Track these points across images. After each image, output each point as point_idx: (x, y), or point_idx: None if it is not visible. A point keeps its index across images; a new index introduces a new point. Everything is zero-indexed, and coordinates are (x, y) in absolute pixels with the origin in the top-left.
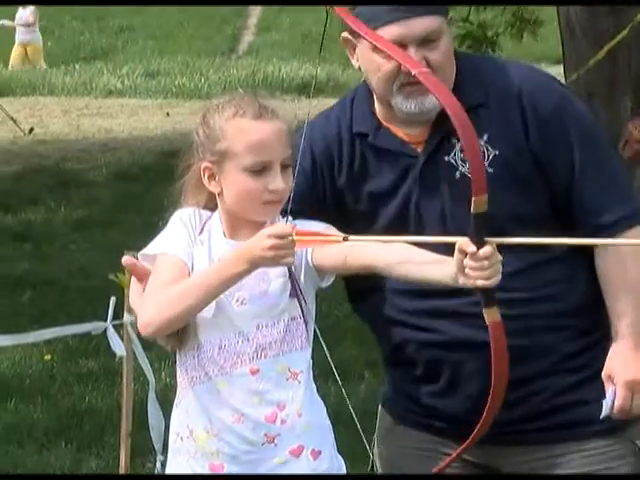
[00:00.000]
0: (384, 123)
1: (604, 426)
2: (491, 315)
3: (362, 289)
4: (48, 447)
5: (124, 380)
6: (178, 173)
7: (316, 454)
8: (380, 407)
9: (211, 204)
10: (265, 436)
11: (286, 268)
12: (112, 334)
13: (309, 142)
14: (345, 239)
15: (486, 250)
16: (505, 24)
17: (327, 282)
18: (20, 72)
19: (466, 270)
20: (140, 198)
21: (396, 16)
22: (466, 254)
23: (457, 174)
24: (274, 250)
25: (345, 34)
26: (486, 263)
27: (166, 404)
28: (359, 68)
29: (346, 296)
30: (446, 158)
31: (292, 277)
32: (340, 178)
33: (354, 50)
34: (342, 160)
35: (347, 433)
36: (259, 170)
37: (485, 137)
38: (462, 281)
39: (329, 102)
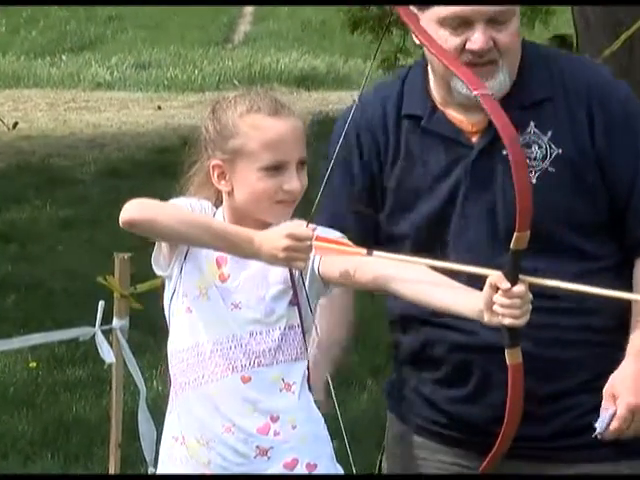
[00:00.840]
0: (440, 107)
1: (635, 448)
2: (513, 356)
3: None
4: (33, 459)
5: (113, 389)
6: (185, 169)
7: (312, 467)
8: (389, 413)
9: (215, 202)
10: (257, 448)
11: (288, 275)
12: (101, 340)
13: (355, 130)
14: (369, 253)
15: (520, 288)
16: None
17: (331, 292)
18: (3, 63)
19: (494, 307)
20: (130, 196)
21: None
22: (497, 290)
23: None
24: (288, 252)
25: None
26: (518, 302)
27: (157, 414)
28: (420, 45)
29: None
30: (504, 152)
31: (294, 284)
32: (386, 164)
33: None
34: (388, 144)
35: (349, 442)
36: (274, 169)
37: (549, 134)
38: (488, 317)
39: (329, 95)
